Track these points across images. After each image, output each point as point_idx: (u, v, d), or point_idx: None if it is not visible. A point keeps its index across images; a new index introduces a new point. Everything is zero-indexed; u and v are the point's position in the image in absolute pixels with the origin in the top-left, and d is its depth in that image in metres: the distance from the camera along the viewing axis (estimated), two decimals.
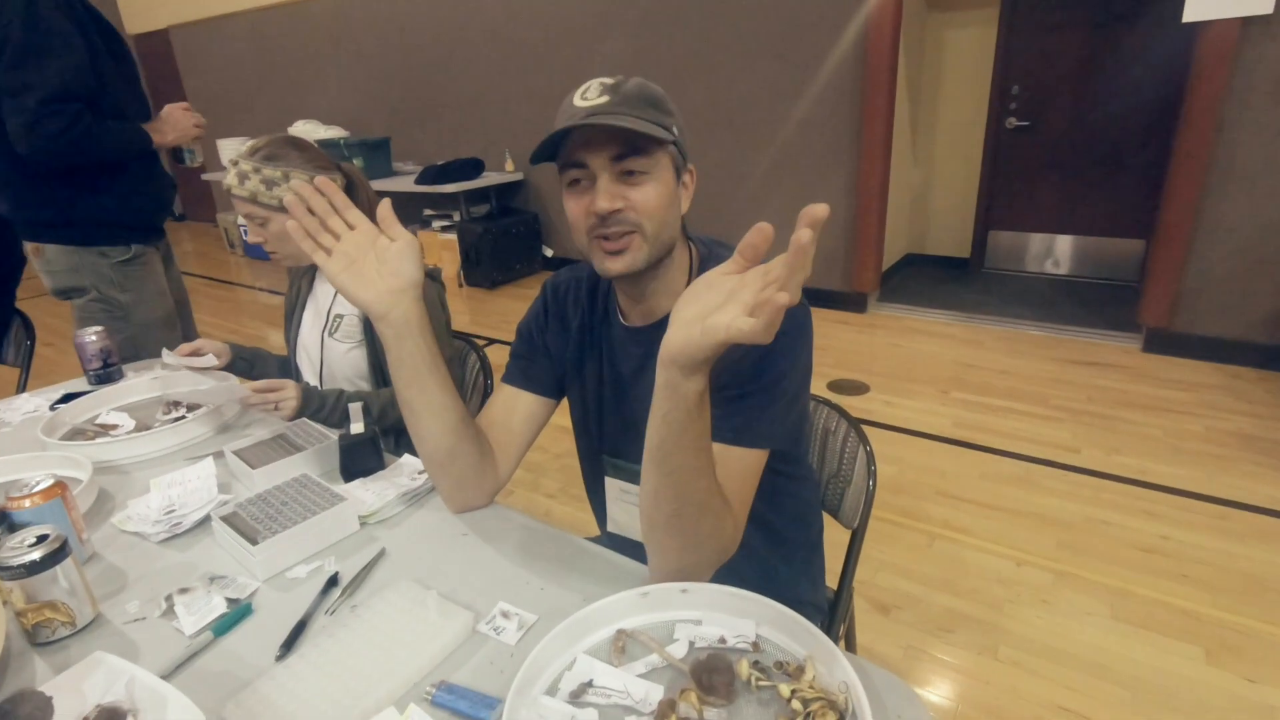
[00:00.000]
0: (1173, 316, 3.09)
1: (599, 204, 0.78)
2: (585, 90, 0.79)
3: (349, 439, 1.06)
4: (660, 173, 0.81)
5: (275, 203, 1.31)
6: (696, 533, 0.73)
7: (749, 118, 3.88)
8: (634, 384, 0.94)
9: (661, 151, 0.81)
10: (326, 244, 0.84)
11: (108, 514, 1.01)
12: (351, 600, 0.81)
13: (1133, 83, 3.77)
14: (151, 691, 0.61)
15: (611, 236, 0.80)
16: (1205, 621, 1.65)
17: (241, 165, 1.30)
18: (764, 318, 0.54)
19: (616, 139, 0.78)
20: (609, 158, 0.78)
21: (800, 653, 0.68)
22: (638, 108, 0.78)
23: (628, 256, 0.81)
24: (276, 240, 1.35)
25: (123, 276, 1.91)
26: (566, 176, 0.82)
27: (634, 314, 0.93)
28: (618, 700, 0.64)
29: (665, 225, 0.82)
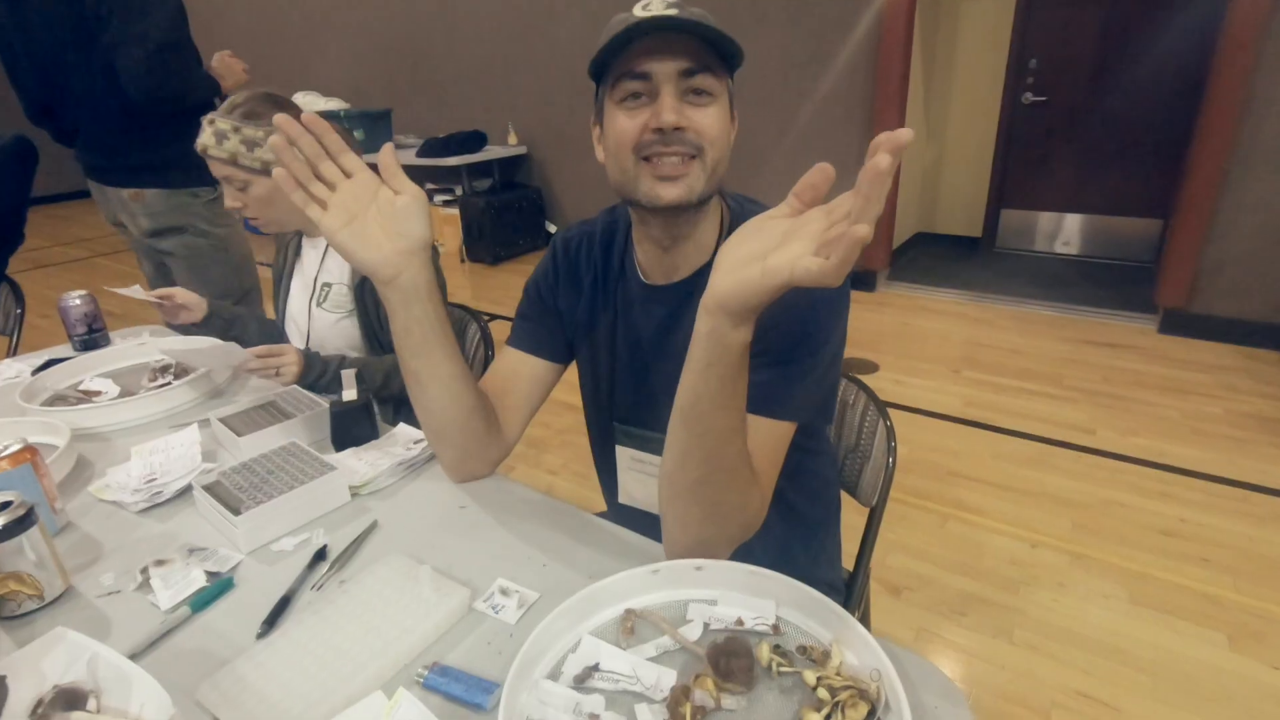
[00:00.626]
0: (1190, 297, 3.02)
1: (665, 116, 0.70)
2: (647, 3, 0.70)
3: (341, 406, 1.00)
4: (723, 99, 0.75)
5: (257, 165, 1.22)
6: (723, 502, 0.68)
7: (759, 88, 3.77)
8: (653, 347, 0.88)
9: (724, 77, 0.75)
10: (320, 194, 0.73)
11: (86, 482, 0.95)
12: (340, 575, 0.76)
13: (1156, 56, 3.66)
14: (116, 671, 0.55)
15: (669, 157, 0.72)
16: (1227, 606, 1.60)
17: (219, 124, 1.21)
18: (838, 255, 0.47)
19: (688, 51, 0.70)
20: (678, 70, 0.71)
21: (825, 636, 0.62)
22: (708, 17, 0.71)
23: (684, 184, 0.74)
24: (258, 205, 1.27)
25: (213, 214, 2.04)
26: (621, 90, 0.73)
27: (656, 270, 0.86)
28: (626, 685, 0.59)
29: (723, 157, 0.76)
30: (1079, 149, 4.03)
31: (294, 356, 1.20)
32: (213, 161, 1.24)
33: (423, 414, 0.85)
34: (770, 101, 3.76)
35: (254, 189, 1.25)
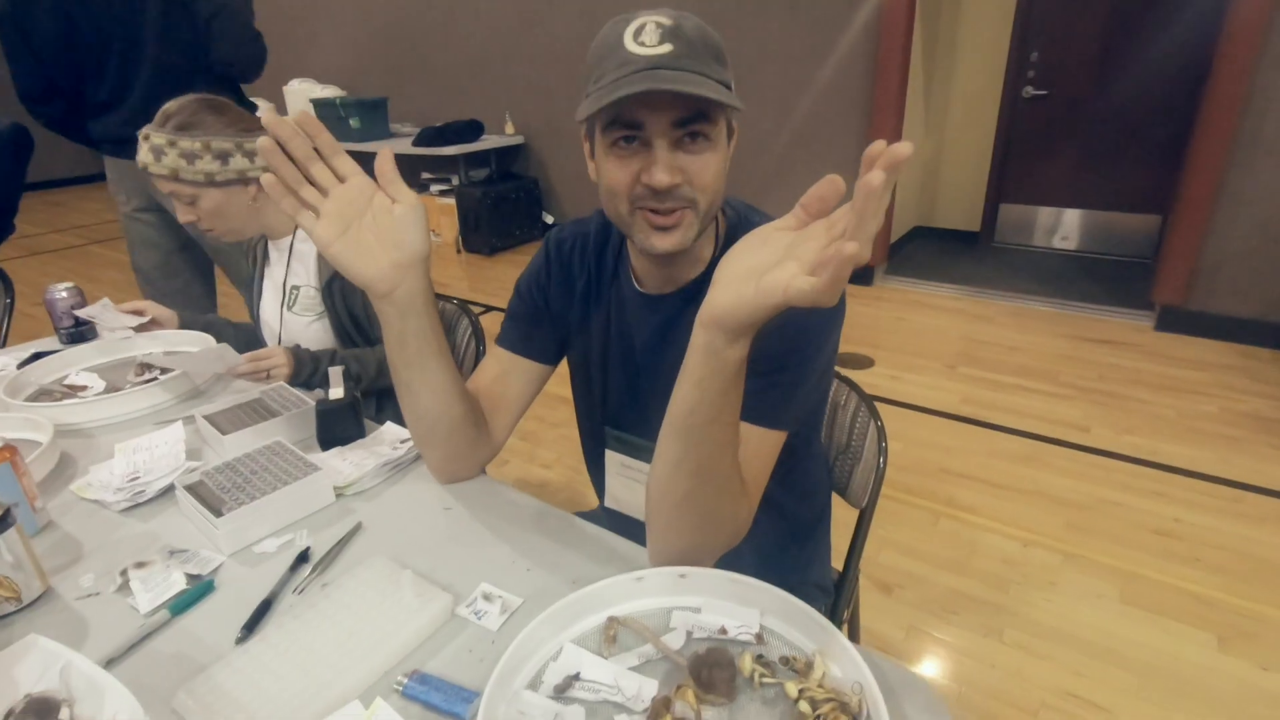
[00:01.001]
0: (1188, 294, 3.01)
1: (658, 177, 0.67)
2: (639, 31, 0.66)
3: (327, 405, 0.99)
4: (719, 139, 0.71)
5: (200, 178, 1.18)
6: (712, 513, 0.67)
7: (758, 81, 3.74)
8: (646, 355, 0.87)
9: (723, 116, 0.71)
10: (312, 200, 0.68)
11: (69, 480, 0.94)
12: (323, 578, 0.75)
13: (1158, 51, 3.63)
14: (88, 680, 0.55)
15: (663, 211, 0.70)
16: (1218, 607, 1.60)
17: (154, 138, 1.15)
18: (828, 275, 0.46)
19: (682, 102, 0.66)
20: (670, 122, 0.67)
21: (809, 647, 0.62)
22: (706, 62, 0.67)
23: (678, 234, 0.72)
24: (211, 217, 1.23)
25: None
26: (612, 135, 0.70)
27: (651, 280, 0.85)
28: (607, 696, 0.58)
29: (717, 198, 0.74)
30: (1079, 144, 4.00)
31: (283, 358, 1.19)
32: (154, 179, 1.19)
33: (412, 420, 0.84)
34: (768, 94, 3.73)
35: (203, 202, 1.21)
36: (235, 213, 1.23)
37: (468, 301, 3.79)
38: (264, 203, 1.25)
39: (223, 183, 1.19)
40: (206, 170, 1.17)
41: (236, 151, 1.19)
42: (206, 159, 1.17)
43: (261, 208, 1.26)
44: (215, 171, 1.18)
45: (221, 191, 1.20)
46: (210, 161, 1.17)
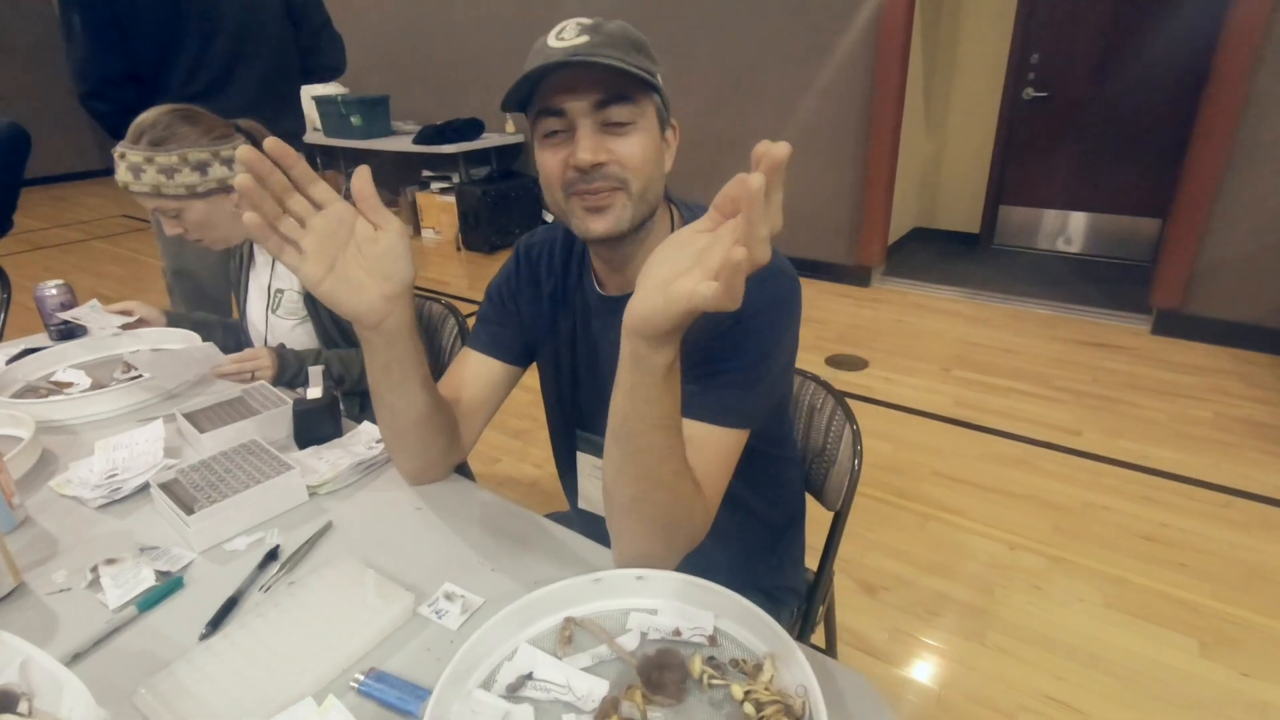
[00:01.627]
0: (1185, 298, 3.00)
1: (580, 156, 0.70)
2: (561, 30, 0.70)
3: (304, 404, 1.00)
4: (646, 123, 0.73)
5: (182, 191, 1.17)
6: (661, 518, 0.68)
7: (756, 81, 3.74)
8: (610, 358, 0.87)
9: (648, 100, 0.73)
10: (292, 234, 0.65)
11: (49, 476, 0.96)
12: (290, 576, 0.76)
13: (1160, 53, 3.61)
14: (48, 674, 0.56)
15: (593, 192, 0.72)
16: (1202, 612, 1.60)
17: (130, 157, 1.15)
18: (724, 280, 0.47)
19: (600, 83, 0.69)
20: (591, 104, 0.70)
21: (760, 650, 0.62)
22: (621, 49, 0.69)
23: (611, 216, 0.73)
24: (199, 229, 1.23)
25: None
26: (541, 127, 0.73)
27: (611, 282, 0.86)
28: (558, 695, 0.59)
29: (652, 182, 0.75)
30: (1080, 146, 3.99)
31: (267, 360, 1.20)
32: (136, 197, 1.19)
33: (389, 433, 0.85)
34: (767, 94, 3.73)
35: (188, 214, 1.21)
36: (221, 221, 1.24)
37: (466, 299, 3.81)
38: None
39: (204, 193, 1.19)
40: (187, 183, 1.17)
41: (214, 160, 1.19)
42: (185, 171, 1.17)
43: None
44: (196, 183, 1.18)
45: (205, 202, 1.20)
46: (190, 174, 1.17)
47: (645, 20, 3.90)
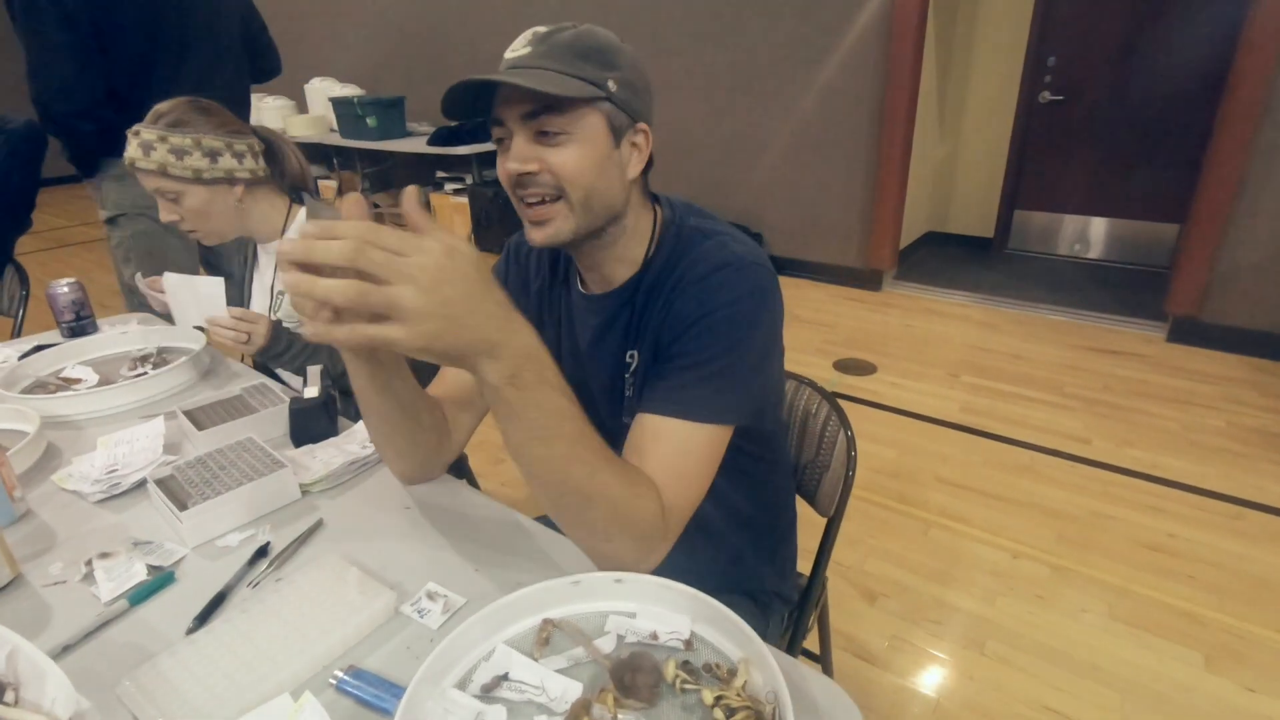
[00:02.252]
0: (1202, 305, 2.95)
1: (508, 165, 0.73)
2: (516, 42, 0.74)
3: (300, 403, 1.01)
4: (585, 134, 0.73)
5: (188, 174, 1.20)
6: (591, 521, 0.67)
7: (768, 84, 3.73)
8: (590, 356, 0.89)
9: (588, 110, 0.73)
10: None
11: (52, 470, 0.98)
12: (278, 573, 0.77)
13: (1178, 56, 3.56)
14: (33, 664, 0.57)
15: (532, 202, 0.74)
16: (1208, 625, 1.57)
17: (144, 134, 1.18)
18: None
19: (532, 95, 0.70)
20: (520, 114, 0.72)
21: (735, 655, 0.62)
22: (563, 60, 0.71)
23: (550, 227, 0.75)
24: (195, 217, 1.24)
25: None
26: (493, 135, 0.76)
27: (591, 281, 0.87)
28: (532, 696, 0.59)
29: (596, 192, 0.75)
30: (1097, 150, 3.94)
31: (264, 328, 1.22)
32: (142, 175, 1.20)
33: (379, 436, 0.85)
34: (777, 97, 3.72)
35: (187, 200, 1.22)
36: (219, 213, 1.26)
37: None
38: (250, 205, 1.28)
39: (209, 181, 1.22)
40: (195, 167, 1.20)
41: (226, 151, 1.22)
42: (195, 155, 1.20)
43: (247, 209, 1.29)
44: (204, 169, 1.20)
45: (207, 190, 1.22)
46: (199, 158, 1.20)
47: (652, 23, 3.90)
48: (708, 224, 0.83)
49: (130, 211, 1.98)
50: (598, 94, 0.72)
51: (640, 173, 0.80)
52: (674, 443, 0.72)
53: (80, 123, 1.83)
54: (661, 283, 0.80)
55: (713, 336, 0.74)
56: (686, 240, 0.81)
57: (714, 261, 0.76)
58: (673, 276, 0.78)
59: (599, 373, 0.88)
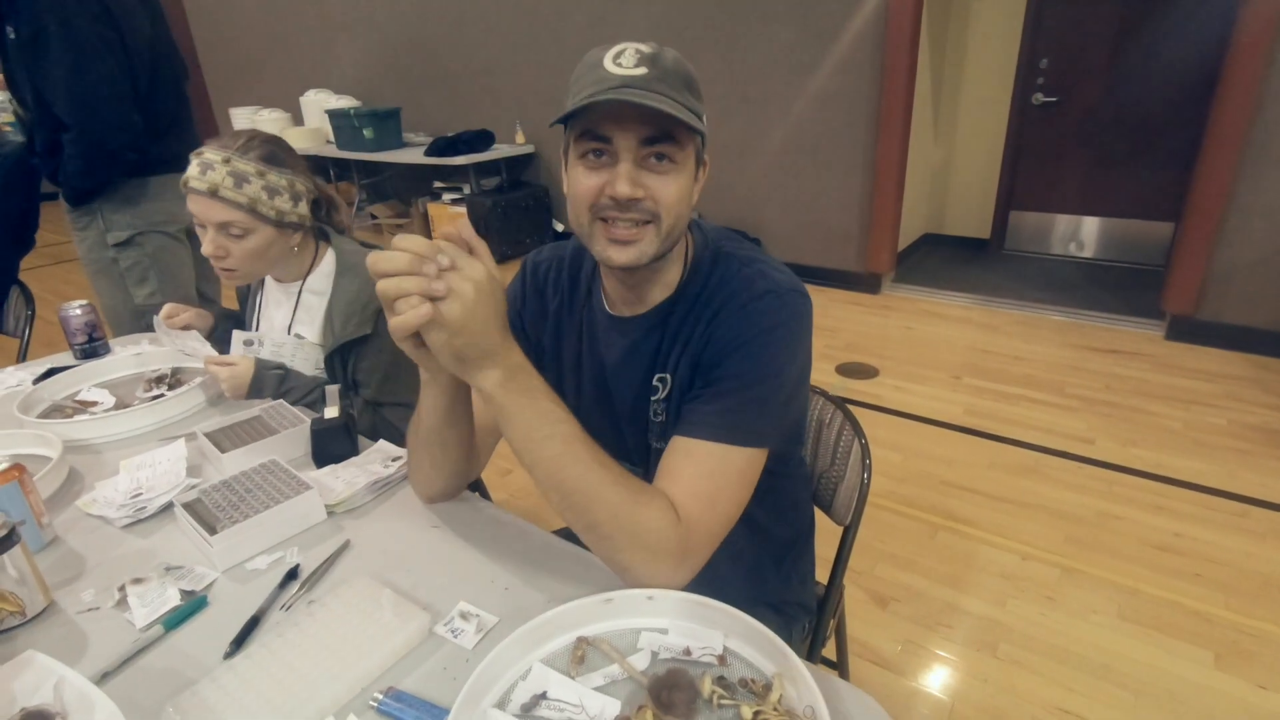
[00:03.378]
0: (1199, 303, 2.98)
1: (620, 188, 0.71)
2: (619, 55, 0.71)
3: (321, 424, 1.02)
4: (685, 163, 0.74)
5: (272, 215, 1.16)
6: (597, 524, 0.69)
7: (764, 89, 3.76)
8: (615, 377, 0.89)
9: (690, 142, 0.74)
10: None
11: (76, 495, 0.98)
12: (309, 595, 0.78)
13: (1170, 56, 3.60)
14: (80, 694, 0.58)
15: (624, 224, 0.74)
16: (1217, 624, 1.59)
17: (237, 164, 1.13)
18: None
19: (650, 120, 0.70)
20: (638, 140, 0.71)
21: (769, 669, 0.64)
22: (677, 88, 0.70)
23: (636, 249, 0.75)
24: (248, 257, 1.19)
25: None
26: (581, 146, 0.73)
27: (621, 303, 0.87)
28: (571, 715, 0.60)
29: (680, 220, 0.76)
30: (1090, 150, 3.98)
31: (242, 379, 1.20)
32: (217, 204, 1.13)
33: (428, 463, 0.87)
34: (773, 102, 3.75)
35: (252, 239, 1.17)
36: (271, 256, 1.22)
37: None
38: (303, 250, 1.27)
39: (284, 224, 1.20)
40: (280, 209, 1.17)
41: (305, 196, 1.21)
42: (284, 198, 1.18)
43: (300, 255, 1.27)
44: (286, 211, 1.18)
45: (276, 232, 1.20)
46: (286, 200, 1.18)
47: (650, 31, 3.93)
48: (744, 250, 0.84)
49: (145, 230, 1.98)
50: (703, 128, 0.73)
51: None
52: (705, 464, 0.73)
53: (129, 153, 1.86)
54: (697, 308, 0.81)
55: (753, 362, 0.75)
56: (724, 266, 0.82)
57: (756, 290, 0.77)
58: (713, 303, 0.79)
59: (624, 393, 0.88)
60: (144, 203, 1.97)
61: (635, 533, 0.69)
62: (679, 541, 0.70)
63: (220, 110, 7.13)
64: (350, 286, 1.26)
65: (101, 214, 1.94)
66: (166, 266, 2.03)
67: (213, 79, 7.09)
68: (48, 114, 1.78)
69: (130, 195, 1.93)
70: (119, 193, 1.92)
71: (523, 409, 0.68)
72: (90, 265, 2.02)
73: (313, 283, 1.30)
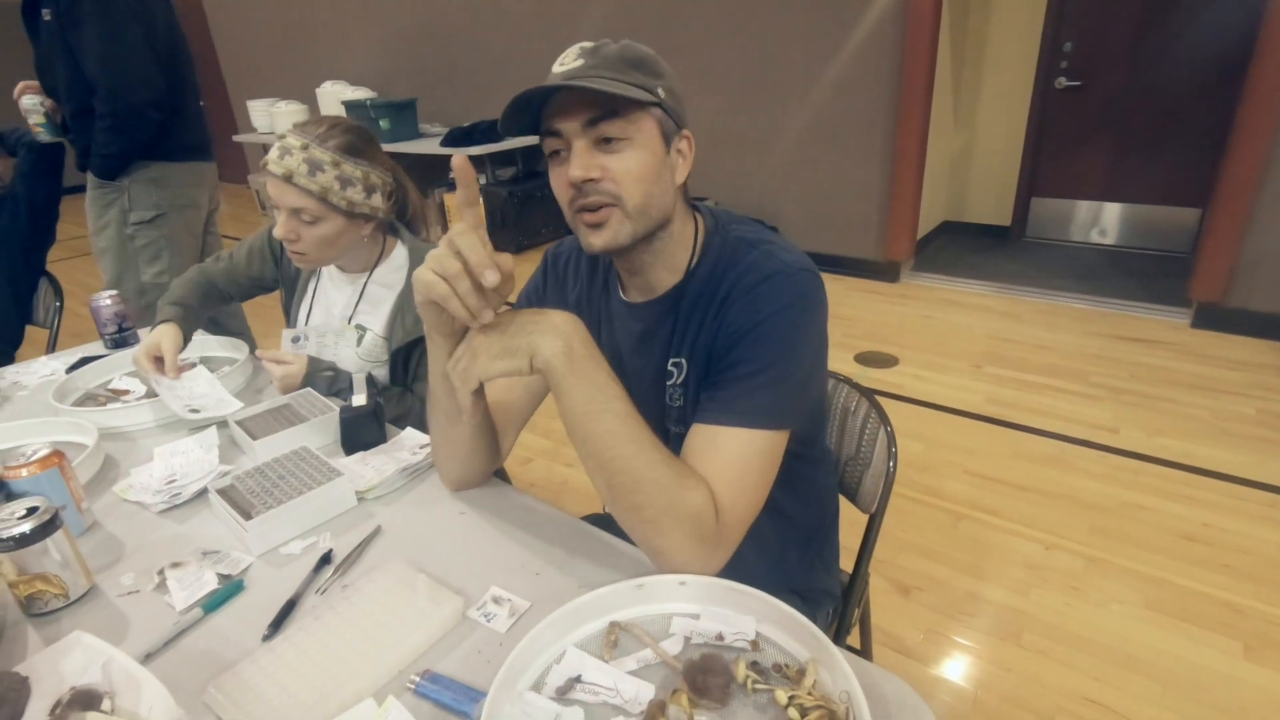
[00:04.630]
0: (1227, 291, 2.92)
1: (572, 172, 0.74)
2: (564, 56, 0.75)
3: (350, 411, 1.03)
4: (643, 139, 0.75)
5: (344, 205, 1.15)
6: (640, 504, 0.70)
7: (782, 78, 3.72)
8: (630, 361, 0.90)
9: (644, 115, 0.75)
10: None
11: (112, 481, 1.00)
12: (343, 579, 0.79)
13: (1197, 38, 3.51)
14: (127, 674, 0.59)
15: (590, 208, 0.75)
16: (1247, 615, 1.57)
17: (315, 152, 1.12)
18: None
19: (591, 103, 0.72)
20: (581, 123, 0.73)
21: (802, 655, 0.64)
22: (616, 69, 0.73)
23: (607, 231, 0.76)
24: (319, 244, 1.18)
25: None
26: (546, 147, 0.77)
27: (633, 289, 0.88)
28: (606, 699, 0.61)
29: (650, 198, 0.76)
30: (1115, 135, 3.90)
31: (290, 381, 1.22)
32: (290, 189, 1.13)
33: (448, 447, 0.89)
34: (791, 90, 3.71)
35: (322, 226, 1.16)
36: (341, 246, 1.21)
37: None
38: (371, 241, 1.26)
39: (356, 215, 1.19)
40: (352, 200, 1.17)
41: (379, 189, 1.20)
42: (358, 189, 1.17)
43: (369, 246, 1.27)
44: (359, 202, 1.18)
45: (347, 222, 1.19)
46: (359, 192, 1.17)
47: (665, 19, 3.90)
48: (752, 233, 0.84)
49: (168, 210, 2.09)
50: (652, 98, 0.74)
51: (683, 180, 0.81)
52: (731, 450, 0.73)
53: (153, 112, 1.94)
54: (708, 292, 0.81)
55: (766, 345, 0.75)
56: (733, 249, 0.82)
57: (764, 271, 0.77)
58: (722, 287, 0.79)
59: (639, 379, 0.89)
60: (169, 186, 2.08)
61: (678, 515, 0.69)
62: (717, 529, 0.71)
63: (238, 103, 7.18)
64: None
65: (129, 193, 2.05)
66: (179, 248, 2.15)
67: (230, 71, 7.14)
68: (79, 82, 1.89)
69: (156, 177, 2.06)
70: (145, 174, 2.04)
71: (581, 378, 0.69)
72: (102, 242, 2.12)
73: (380, 275, 1.29)
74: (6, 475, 0.84)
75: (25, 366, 1.43)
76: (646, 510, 0.70)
